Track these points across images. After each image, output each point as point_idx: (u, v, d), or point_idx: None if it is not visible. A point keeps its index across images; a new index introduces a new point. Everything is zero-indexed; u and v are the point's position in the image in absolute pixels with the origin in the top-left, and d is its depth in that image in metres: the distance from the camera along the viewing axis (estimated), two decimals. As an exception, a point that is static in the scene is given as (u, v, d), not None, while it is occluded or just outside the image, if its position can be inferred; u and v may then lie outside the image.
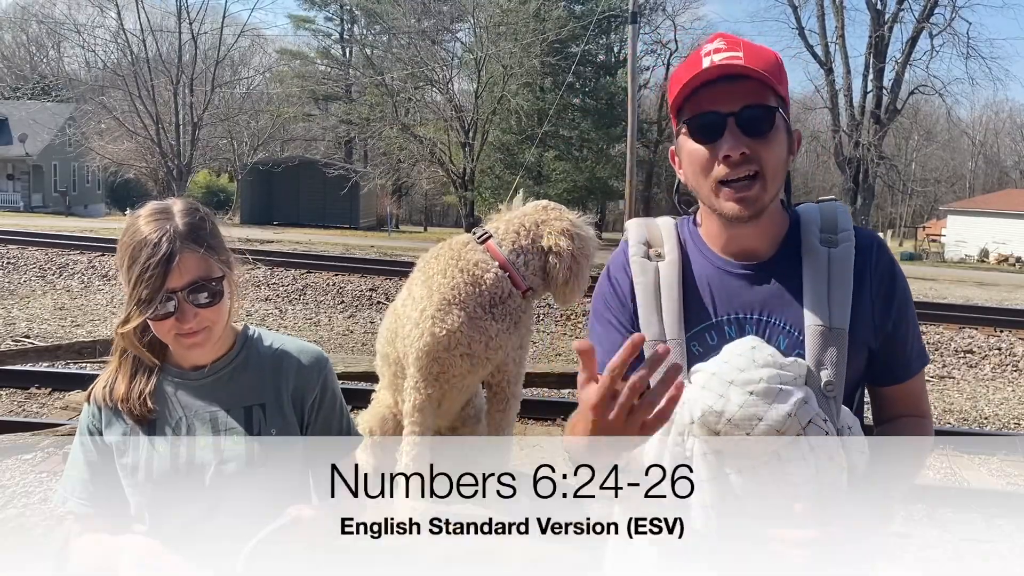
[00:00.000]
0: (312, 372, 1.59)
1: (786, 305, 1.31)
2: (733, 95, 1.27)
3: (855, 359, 1.30)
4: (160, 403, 1.51)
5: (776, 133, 1.29)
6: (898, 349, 1.37)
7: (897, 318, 1.35)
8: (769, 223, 1.35)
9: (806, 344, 1.28)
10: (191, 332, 1.43)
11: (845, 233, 1.35)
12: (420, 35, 29.36)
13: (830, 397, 1.26)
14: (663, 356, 1.05)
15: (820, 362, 1.27)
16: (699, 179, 1.31)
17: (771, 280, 1.34)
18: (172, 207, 1.46)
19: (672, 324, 1.34)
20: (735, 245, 1.36)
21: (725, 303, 1.35)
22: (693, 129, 1.30)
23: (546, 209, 3.01)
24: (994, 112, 64.44)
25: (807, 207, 1.41)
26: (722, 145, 1.26)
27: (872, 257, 1.34)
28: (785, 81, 1.34)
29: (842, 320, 1.28)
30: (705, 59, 1.29)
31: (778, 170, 1.31)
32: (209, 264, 1.43)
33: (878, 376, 1.39)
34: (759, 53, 1.30)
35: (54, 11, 43.69)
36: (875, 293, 1.33)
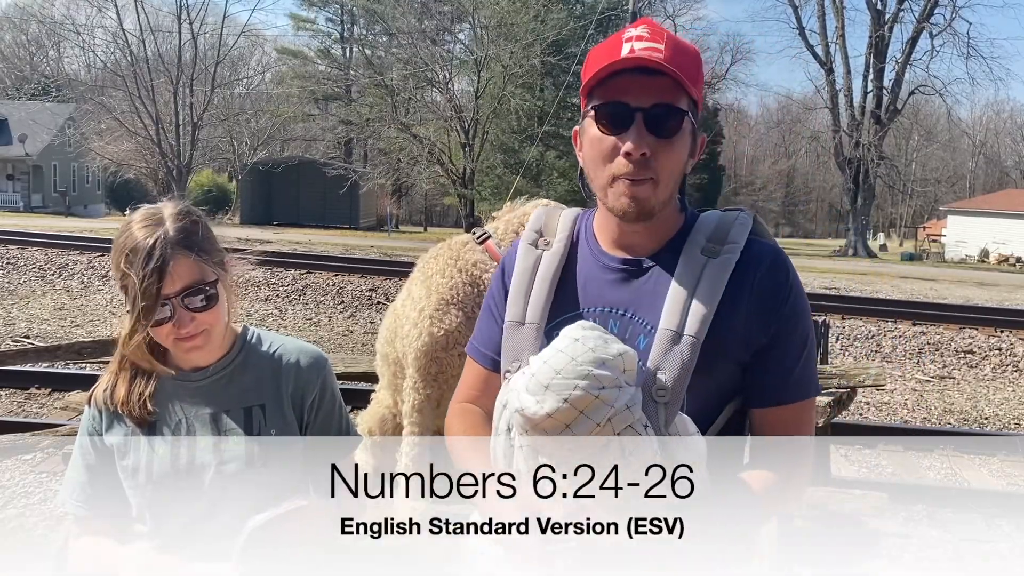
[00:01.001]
0: (311, 373, 1.59)
1: (651, 305, 1.29)
2: (646, 89, 1.25)
3: (713, 370, 1.26)
4: (160, 405, 1.52)
5: (681, 136, 1.28)
6: (772, 369, 1.30)
7: (776, 336, 1.29)
8: (658, 222, 1.33)
9: (652, 346, 1.26)
10: (189, 336, 1.44)
11: (731, 246, 1.31)
12: (420, 35, 29.37)
13: (660, 402, 1.22)
14: None
15: (659, 365, 1.24)
16: (597, 168, 1.30)
17: (643, 279, 1.33)
18: (163, 211, 1.46)
19: (535, 309, 1.34)
20: (620, 240, 1.36)
21: (595, 296, 1.34)
22: (600, 116, 1.28)
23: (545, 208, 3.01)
24: (994, 112, 64.49)
25: (708, 215, 1.38)
26: (626, 139, 1.25)
27: (757, 272, 1.30)
28: (701, 81, 1.32)
29: (695, 328, 1.24)
30: (625, 45, 1.27)
31: (674, 174, 1.29)
32: (202, 268, 1.43)
33: (750, 395, 1.33)
34: (680, 49, 1.29)
35: (53, 11, 43.74)
36: (752, 308, 1.29)
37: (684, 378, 1.23)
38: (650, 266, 1.33)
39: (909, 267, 27.40)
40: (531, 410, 1.14)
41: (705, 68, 1.43)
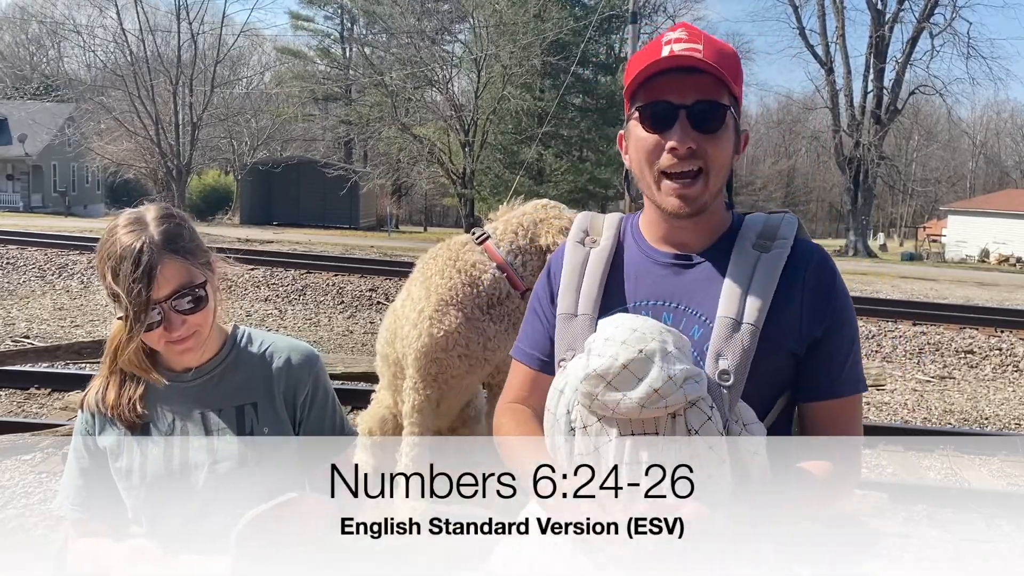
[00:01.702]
0: (303, 370, 1.59)
1: (704, 297, 1.33)
2: (687, 87, 1.28)
3: (769, 359, 1.29)
4: (152, 406, 1.52)
5: (724, 131, 1.30)
6: (825, 363, 1.33)
7: (829, 329, 1.32)
8: (707, 220, 1.36)
9: (712, 333, 1.29)
10: (181, 339, 1.44)
11: (781, 241, 1.35)
12: (420, 35, 29.36)
13: (724, 385, 1.25)
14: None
15: (720, 352, 1.27)
16: (644, 167, 1.33)
17: (695, 272, 1.36)
18: (146, 215, 1.45)
19: (587, 301, 1.37)
20: (670, 236, 1.39)
21: (646, 289, 1.37)
22: (644, 117, 1.31)
23: (545, 208, 3.00)
24: (995, 112, 64.46)
25: (755, 216, 1.41)
26: (671, 136, 1.27)
27: (808, 267, 1.34)
28: (740, 80, 1.34)
29: (754, 316, 1.28)
30: (665, 48, 1.29)
31: (722, 168, 1.32)
32: (190, 270, 1.43)
33: (802, 389, 1.35)
34: (718, 48, 1.31)
35: (54, 11, 43.73)
36: (806, 300, 1.32)
37: (745, 364, 1.27)
38: (700, 261, 1.36)
39: (909, 267, 27.40)
40: (604, 365, 1.15)
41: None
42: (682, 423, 1.17)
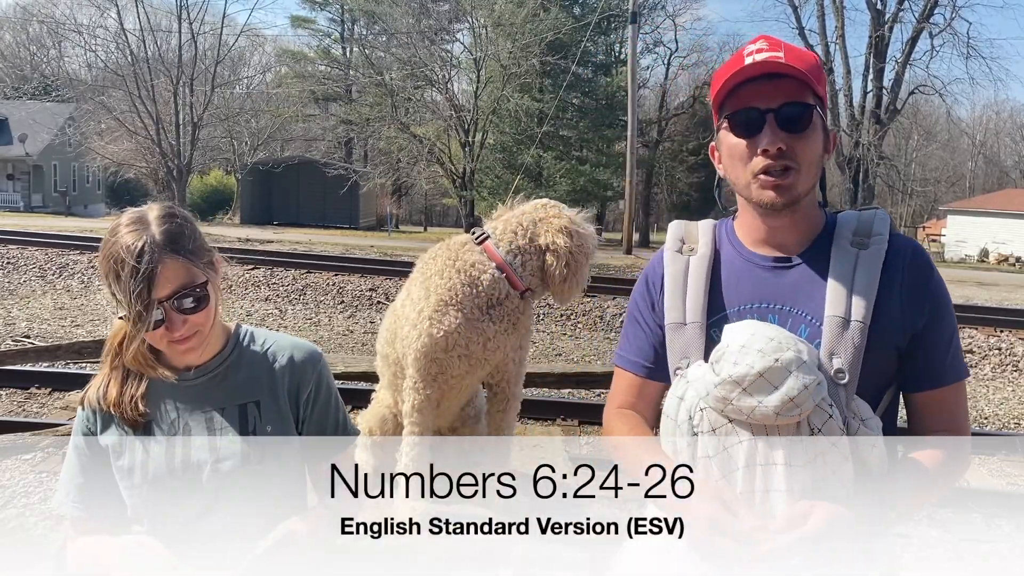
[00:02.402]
0: (306, 368, 1.59)
1: (809, 297, 1.35)
2: (773, 92, 1.32)
3: (877, 354, 1.32)
4: (154, 404, 1.52)
5: (812, 130, 1.34)
6: (929, 353, 1.37)
7: (929, 321, 1.36)
8: (802, 219, 1.39)
9: (823, 333, 1.31)
10: (183, 338, 1.44)
11: (878, 237, 1.38)
12: (419, 35, 29.35)
13: (840, 384, 1.28)
14: None
15: (833, 351, 1.30)
16: (738, 171, 1.37)
17: (797, 273, 1.38)
18: (148, 215, 1.45)
19: (694, 308, 1.40)
20: (768, 239, 1.41)
21: (750, 293, 1.39)
22: (734, 124, 1.35)
23: (544, 207, 3.00)
24: (994, 112, 64.42)
25: (847, 214, 1.45)
26: (761, 140, 1.32)
27: (905, 260, 1.37)
28: (824, 82, 1.38)
29: (862, 314, 1.31)
30: (747, 58, 1.34)
31: (813, 165, 1.36)
32: (191, 270, 1.43)
33: (908, 380, 1.40)
34: (800, 54, 1.36)
35: (55, 11, 43.72)
36: (905, 294, 1.36)
37: (858, 360, 1.30)
38: (800, 262, 1.40)
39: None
40: (740, 372, 1.20)
41: (705, 68, 1.47)
42: (805, 425, 1.22)
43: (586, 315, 11.29)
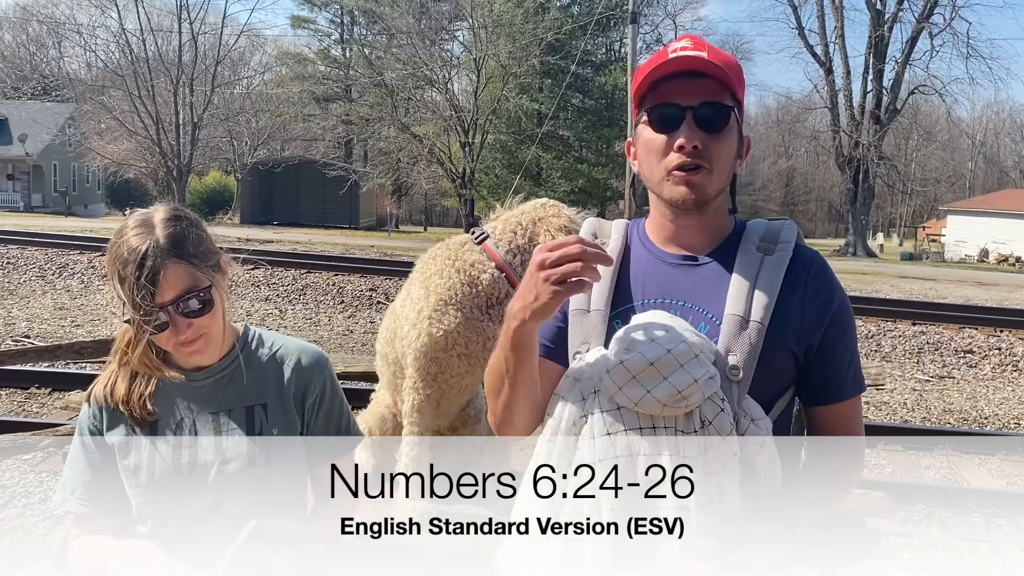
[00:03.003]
0: (313, 372, 1.59)
1: (711, 296, 1.38)
2: (693, 90, 1.34)
3: (773, 356, 1.35)
4: (162, 404, 1.52)
5: (729, 132, 1.37)
6: (832, 368, 1.41)
7: (831, 335, 1.40)
8: (711, 221, 1.42)
9: (721, 330, 1.34)
10: (188, 341, 1.45)
11: (784, 244, 1.41)
12: (419, 35, 29.36)
13: (734, 381, 1.31)
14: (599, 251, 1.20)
15: (729, 348, 1.33)
16: (653, 166, 1.39)
17: (701, 272, 1.41)
18: (154, 218, 1.45)
19: (599, 298, 1.43)
20: (676, 238, 1.44)
21: (654, 288, 1.42)
22: (653, 119, 1.38)
23: (544, 207, 3.00)
24: (994, 112, 64.46)
25: (756, 221, 1.49)
26: (678, 135, 1.34)
27: (810, 270, 1.40)
28: (743, 86, 1.41)
29: (761, 315, 1.34)
30: (671, 54, 1.36)
31: (726, 167, 1.39)
32: (195, 274, 1.43)
33: (809, 393, 1.43)
34: (722, 56, 1.38)
35: (55, 11, 43.73)
36: (808, 301, 1.39)
37: (753, 359, 1.33)
38: (706, 261, 1.42)
39: (909, 267, 27.40)
40: (632, 360, 1.24)
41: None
42: (696, 416, 1.24)
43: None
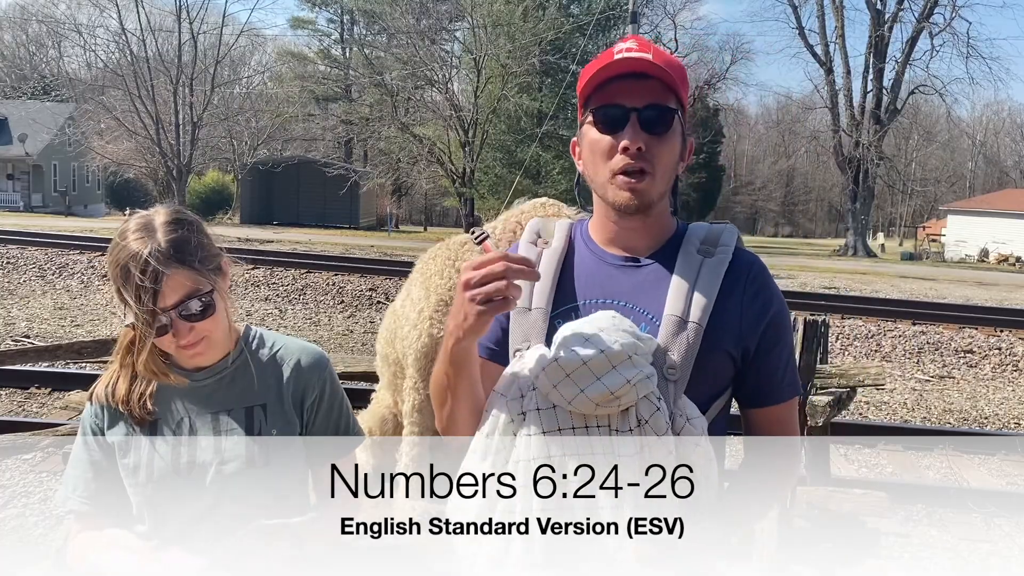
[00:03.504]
0: (312, 373, 1.59)
1: (651, 297, 1.40)
2: (638, 92, 1.35)
3: (710, 357, 1.36)
4: (162, 404, 1.52)
5: (672, 135, 1.38)
6: (767, 370, 1.42)
7: (767, 338, 1.41)
8: (653, 223, 1.44)
9: (659, 330, 1.36)
10: (190, 344, 1.45)
11: (724, 248, 1.43)
12: (419, 35, 29.35)
13: (671, 380, 1.33)
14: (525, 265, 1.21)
15: (668, 347, 1.34)
16: (597, 167, 1.40)
17: (642, 273, 1.43)
18: (155, 220, 1.45)
19: (541, 296, 1.44)
20: (618, 240, 1.46)
21: (596, 288, 1.43)
22: (598, 119, 1.38)
23: (544, 206, 3.01)
24: (994, 112, 64.49)
25: (698, 224, 1.50)
26: (623, 137, 1.35)
27: (748, 274, 1.42)
28: (687, 89, 1.43)
29: (699, 315, 1.36)
30: (617, 55, 1.37)
31: (668, 169, 1.40)
32: (196, 278, 1.43)
33: (746, 396, 1.45)
34: (667, 58, 1.39)
35: (55, 11, 43.73)
36: (746, 305, 1.40)
37: (690, 359, 1.34)
38: (648, 263, 1.44)
39: (909, 267, 27.40)
40: (566, 358, 1.23)
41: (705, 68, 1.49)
42: (632, 414, 1.25)
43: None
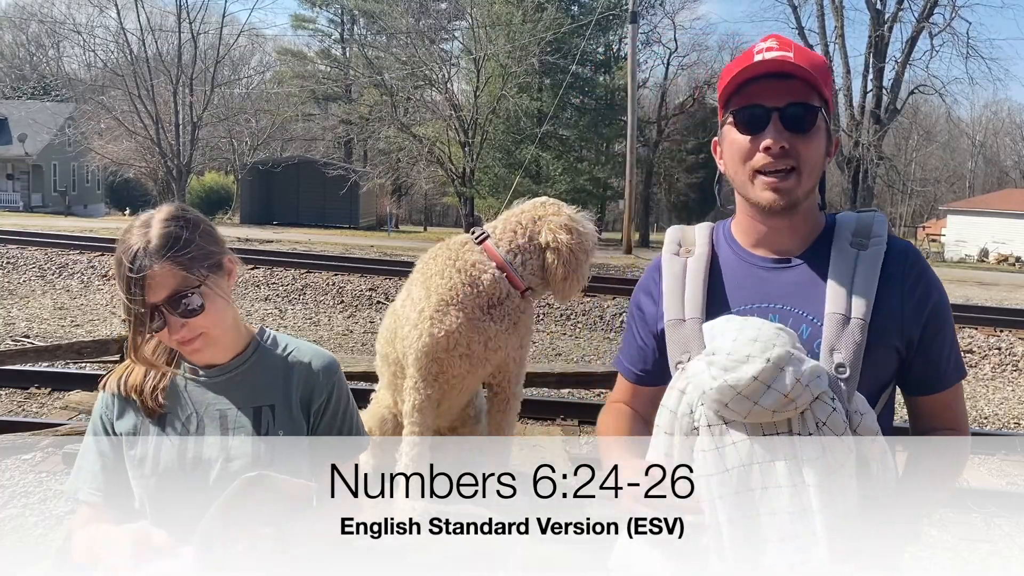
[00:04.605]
0: (321, 377, 1.60)
1: (809, 297, 1.36)
2: (779, 91, 1.33)
3: (877, 353, 1.33)
4: (172, 399, 1.54)
5: (816, 132, 1.35)
6: (932, 358, 1.39)
7: (930, 325, 1.38)
8: (801, 221, 1.40)
9: (823, 330, 1.32)
10: (187, 340, 1.46)
11: (877, 239, 1.39)
12: (418, 35, 29.34)
13: (841, 378, 1.29)
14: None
15: (834, 346, 1.31)
16: (738, 167, 1.38)
17: (797, 274, 1.39)
18: (154, 218, 1.46)
19: (693, 305, 1.41)
20: (766, 241, 1.42)
21: (749, 293, 1.40)
22: (738, 120, 1.36)
23: (544, 205, 3.00)
24: (994, 112, 64.45)
25: (845, 215, 1.46)
26: (764, 137, 1.32)
27: (905, 263, 1.39)
28: (831, 85, 1.40)
29: (862, 311, 1.32)
30: (757, 56, 1.35)
31: (814, 167, 1.37)
32: (185, 275, 1.43)
33: (912, 384, 1.42)
34: (808, 55, 1.37)
35: (54, 11, 43.71)
36: (906, 296, 1.37)
37: (859, 356, 1.31)
38: (799, 262, 1.41)
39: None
40: (734, 377, 1.20)
41: (705, 68, 1.48)
42: (810, 417, 1.22)
43: (586, 315, 11.29)
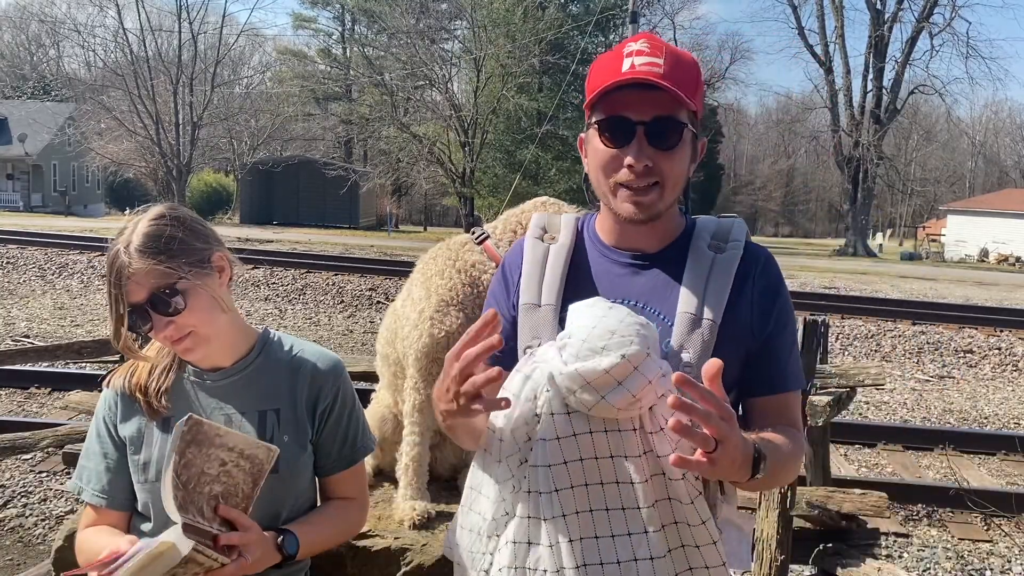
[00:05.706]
0: (326, 379, 1.59)
1: (663, 296, 1.37)
2: (646, 103, 1.29)
3: (725, 354, 1.31)
4: (177, 401, 1.51)
5: (681, 147, 1.33)
6: (774, 359, 1.39)
7: (775, 328, 1.39)
8: (662, 225, 1.40)
9: (674, 329, 1.33)
10: (176, 339, 1.43)
11: (735, 243, 1.40)
12: (418, 34, 29.35)
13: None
14: (490, 323, 1.17)
15: (683, 345, 1.32)
16: (600, 177, 1.36)
17: (653, 273, 1.40)
18: (144, 215, 1.45)
19: (550, 292, 1.40)
20: (625, 240, 1.42)
21: (607, 288, 1.40)
22: (603, 130, 1.33)
23: (544, 204, 2.99)
24: (994, 112, 64.52)
25: (706, 219, 1.46)
26: (628, 152, 1.30)
27: (758, 267, 1.39)
28: (700, 91, 1.37)
29: (713, 313, 1.33)
30: (626, 60, 1.31)
31: (678, 181, 1.36)
32: (166, 272, 1.40)
33: (756, 385, 1.40)
34: (679, 62, 1.32)
35: (54, 10, 43.73)
36: (755, 299, 1.38)
37: (706, 356, 1.30)
38: (656, 261, 1.40)
39: (908, 267, 27.39)
40: (586, 367, 1.18)
41: (704, 67, 1.46)
42: (658, 414, 1.22)
43: (586, 315, 11.30)
